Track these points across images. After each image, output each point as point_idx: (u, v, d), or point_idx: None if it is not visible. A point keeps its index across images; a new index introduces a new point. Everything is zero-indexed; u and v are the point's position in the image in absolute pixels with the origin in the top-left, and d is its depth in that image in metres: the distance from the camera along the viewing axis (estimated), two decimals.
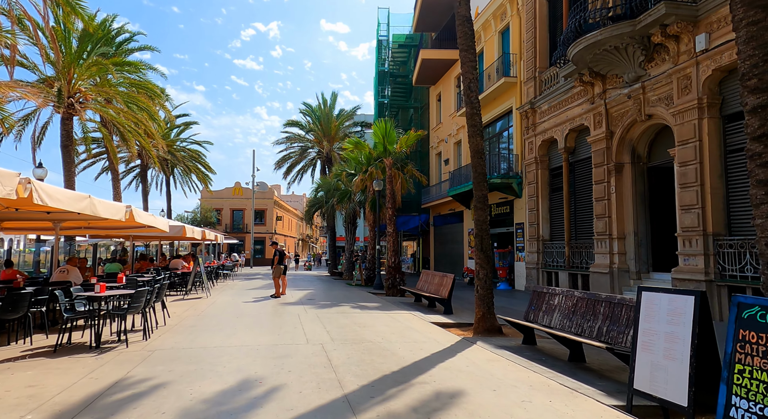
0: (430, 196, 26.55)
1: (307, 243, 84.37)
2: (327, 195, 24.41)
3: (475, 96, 9.02)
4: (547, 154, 15.76)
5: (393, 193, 15.51)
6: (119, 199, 22.64)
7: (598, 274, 12.32)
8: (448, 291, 10.69)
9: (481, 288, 8.49)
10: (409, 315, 10.07)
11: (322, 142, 30.34)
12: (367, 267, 19.98)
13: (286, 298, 13.07)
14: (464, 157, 22.21)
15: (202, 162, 32.97)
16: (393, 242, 15.37)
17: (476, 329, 8.37)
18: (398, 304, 12.13)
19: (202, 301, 12.05)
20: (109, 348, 6.18)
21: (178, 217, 50.33)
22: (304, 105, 31.23)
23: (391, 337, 7.33)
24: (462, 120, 21.97)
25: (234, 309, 10.62)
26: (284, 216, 61.26)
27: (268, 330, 7.84)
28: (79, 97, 16.97)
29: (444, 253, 25.47)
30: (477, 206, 8.79)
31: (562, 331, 6.02)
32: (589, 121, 12.98)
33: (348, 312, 10.23)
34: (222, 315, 9.52)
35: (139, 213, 9.50)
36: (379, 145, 15.51)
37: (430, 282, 12.19)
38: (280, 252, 13.16)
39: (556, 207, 15.28)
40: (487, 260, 8.61)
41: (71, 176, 16.91)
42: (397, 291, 14.71)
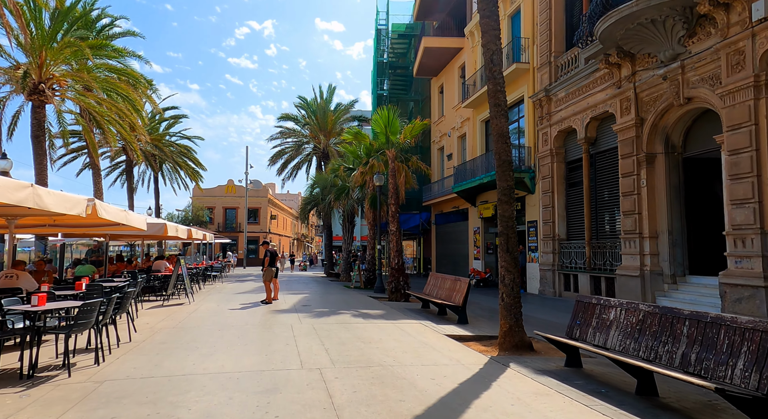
0: (431, 193, 25.25)
1: (303, 243, 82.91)
2: (323, 191, 23.03)
3: (499, 70, 7.70)
4: (564, 145, 14.49)
5: (396, 188, 14.19)
6: (100, 197, 21.18)
7: (626, 278, 11.06)
8: (462, 297, 9.38)
9: (507, 295, 7.20)
10: (420, 326, 8.75)
11: (318, 136, 28.94)
12: (366, 269, 18.64)
13: (278, 304, 11.71)
14: (469, 151, 20.92)
15: (191, 157, 31.50)
16: (396, 241, 14.05)
17: (502, 345, 7.07)
18: (404, 311, 10.82)
19: (182, 309, 10.67)
20: (46, 377, 4.81)
21: (169, 216, 48.76)
22: (299, 99, 29.82)
23: (404, 358, 6.01)
24: (467, 112, 20.69)
25: (217, 318, 9.25)
26: (279, 215, 59.77)
27: (254, 348, 6.49)
28: (51, 83, 15.52)
29: (446, 253, 24.18)
30: (502, 199, 7.49)
31: (625, 355, 4.72)
32: (614, 108, 11.70)
33: (349, 323, 8.89)
34: (202, 327, 8.16)
35: (106, 208, 8.14)
36: (380, 135, 14.17)
37: (440, 287, 10.87)
38: (272, 252, 11.80)
39: (574, 203, 14.01)
40: (514, 263, 7.32)
41: (43, 169, 15.46)
42: (401, 295, 13.39)
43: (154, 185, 31.46)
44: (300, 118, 29.91)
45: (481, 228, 19.79)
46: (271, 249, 11.93)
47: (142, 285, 10.46)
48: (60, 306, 5.37)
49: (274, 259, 11.91)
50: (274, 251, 11.98)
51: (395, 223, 14.17)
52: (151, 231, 12.51)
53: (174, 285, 11.86)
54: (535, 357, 6.44)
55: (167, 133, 30.57)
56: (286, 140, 31.21)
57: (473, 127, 20.52)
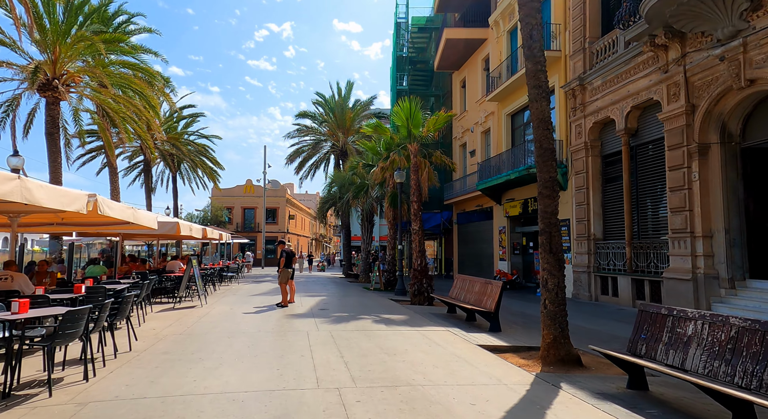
0: (453, 191, 24.32)
1: (321, 243, 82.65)
2: (341, 190, 22.35)
3: (539, 48, 6.83)
4: (600, 138, 13.44)
5: (418, 185, 13.36)
6: (117, 196, 20.94)
7: (675, 281, 10.00)
8: (495, 302, 8.50)
9: (551, 302, 6.31)
10: (448, 334, 7.91)
11: (336, 134, 28.30)
12: (387, 270, 17.86)
13: (294, 308, 11.02)
14: (494, 147, 19.94)
15: (209, 156, 31.23)
16: (419, 241, 13.22)
17: (545, 358, 6.19)
18: (429, 317, 9.98)
19: (193, 312, 10.06)
20: (24, 397, 4.16)
21: (188, 216, 48.93)
22: (317, 95, 29.23)
23: (435, 375, 5.20)
24: (491, 106, 19.73)
25: (228, 324, 8.58)
26: (297, 215, 59.50)
27: (265, 360, 5.76)
28: (65, 79, 15.19)
29: (469, 254, 23.22)
30: (543, 193, 6.58)
31: (713, 381, 3.81)
32: (660, 94, 10.64)
33: (370, 330, 8.11)
34: (210, 334, 7.48)
35: (110, 205, 7.56)
36: (402, 128, 13.36)
37: (468, 290, 10.01)
38: (288, 252, 11.11)
39: (612, 200, 12.95)
40: (558, 265, 6.42)
41: (57, 168, 15.14)
42: (425, 298, 12.56)
43: (172, 185, 31.33)
44: (317, 116, 29.33)
45: (507, 228, 18.79)
46: (288, 249, 11.24)
47: (152, 287, 9.89)
48: (43, 314, 4.74)
49: (290, 260, 11.22)
50: (291, 251, 11.29)
51: (417, 222, 13.34)
52: (162, 231, 11.99)
53: (185, 286, 11.29)
54: (587, 375, 5.54)
55: (185, 132, 30.36)
56: (304, 138, 30.69)
57: (498, 122, 19.54)
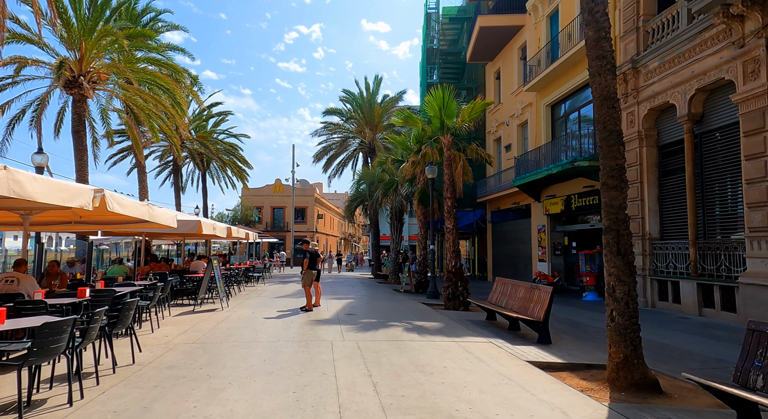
0: (487, 188, 23.12)
1: (350, 243, 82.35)
2: (370, 187, 21.56)
3: (603, 11, 5.77)
4: (655, 126, 12.07)
5: (452, 180, 12.37)
6: (145, 195, 20.83)
7: (755, 287, 8.64)
8: (544, 311, 7.45)
9: (620, 314, 5.25)
10: (491, 346, 6.93)
11: (364, 130, 27.56)
12: (417, 271, 16.92)
13: (319, 312, 10.25)
14: (531, 140, 18.67)
15: (237, 155, 31.08)
16: (453, 241, 12.23)
17: (614, 381, 5.13)
18: (466, 324, 9.00)
19: (212, 316, 9.44)
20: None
21: (219, 216, 49.40)
22: (344, 92, 28.62)
23: (483, 403, 4.26)
24: (529, 96, 18.47)
25: (246, 331, 7.87)
26: (326, 214, 59.26)
27: (280, 379, 4.96)
28: (91, 76, 14.99)
29: (505, 254, 21.97)
30: (608, 184, 5.52)
31: None
32: (734, 73, 9.28)
33: (402, 340, 7.22)
34: (225, 343, 6.77)
35: (121, 201, 6.96)
36: (434, 119, 12.39)
37: (510, 296, 8.96)
38: (312, 253, 10.35)
39: (671, 195, 11.59)
40: (629, 269, 5.35)
41: (84, 166, 14.96)
42: (460, 303, 11.57)
43: (201, 184, 31.36)
44: (345, 112, 28.67)
45: (546, 226, 17.51)
46: (312, 249, 10.48)
47: (172, 289, 9.32)
48: (15, 326, 4.07)
49: (314, 261, 10.46)
50: (315, 251, 10.53)
51: (451, 220, 12.34)
52: (184, 230, 11.49)
53: (206, 289, 10.71)
54: (674, 408, 4.46)
55: (214, 131, 30.29)
56: (332, 136, 30.12)
57: (536, 113, 18.26)
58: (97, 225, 10.15)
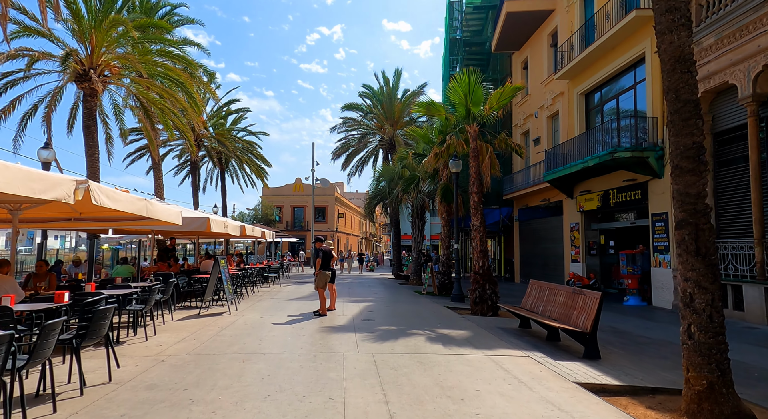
0: (514, 184, 21.88)
1: (371, 242, 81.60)
2: (390, 184, 20.63)
3: None
4: (710, 111, 10.75)
5: (479, 173, 11.31)
6: (161, 193, 20.40)
7: None
8: (592, 320, 6.36)
9: (701, 330, 4.18)
10: (530, 362, 5.90)
11: (383, 126, 26.63)
12: (441, 272, 15.90)
13: (334, 317, 9.37)
14: (563, 132, 17.39)
15: (256, 153, 30.58)
16: (480, 240, 11.18)
17: (695, 414, 4.07)
18: (497, 333, 7.98)
19: (218, 321, 8.66)
20: None
21: (240, 215, 49.32)
22: (363, 87, 27.75)
23: None
24: (560, 85, 17.21)
25: (251, 340, 7.03)
26: (346, 213, 58.62)
27: (275, 408, 4.05)
28: (102, 69, 14.51)
29: (533, 254, 20.69)
30: (682, 167, 4.44)
31: None
32: None
33: (426, 354, 6.25)
34: (223, 356, 5.94)
35: (111, 194, 6.26)
36: (458, 106, 11.36)
37: (548, 301, 7.88)
38: (325, 252, 9.46)
39: (730, 187, 10.27)
40: (712, 273, 4.27)
41: (95, 162, 14.49)
42: (488, 308, 10.52)
43: (220, 183, 31.00)
44: (364, 107, 27.79)
45: (580, 224, 16.22)
46: (325, 247, 9.60)
47: (175, 291, 8.59)
48: None
49: (328, 261, 9.57)
50: (328, 250, 9.64)
51: (478, 217, 11.29)
52: (191, 227, 10.80)
53: (214, 291, 9.96)
54: None
55: (233, 128, 29.86)
56: (351, 132, 29.30)
57: (569, 103, 16.98)
58: (97, 223, 9.52)
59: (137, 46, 15.29)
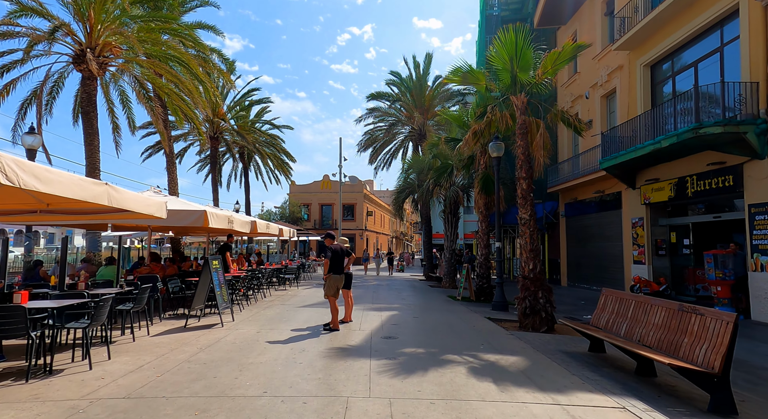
0: (559, 175, 19.40)
1: (402, 241, 79.55)
2: (419, 176, 18.63)
3: None
4: None
5: (528, 155, 9.17)
6: (175, 187, 19.07)
7: None
8: (722, 357, 4.20)
9: None
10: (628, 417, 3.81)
11: (413, 115, 24.61)
12: (478, 275, 13.78)
13: (348, 331, 7.50)
14: (622, 112, 14.90)
15: (280, 147, 29.20)
16: (531, 236, 9.04)
17: None
18: (561, 359, 5.89)
19: (203, 337, 6.95)
20: None
21: (267, 213, 48.42)
22: (391, 74, 25.80)
23: None
24: (618, 58, 14.78)
25: (227, 370, 5.23)
26: (376, 211, 56.83)
27: None
28: (101, 49, 13.20)
29: (584, 255, 18.19)
30: None
31: None
32: None
33: (468, 401, 4.25)
34: (174, 402, 4.14)
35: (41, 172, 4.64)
36: (502, 73, 9.24)
37: (636, 320, 5.71)
38: (335, 251, 7.57)
39: None
40: None
41: (94, 151, 13.21)
42: (542, 321, 8.40)
43: (243, 179, 29.81)
44: (392, 96, 25.83)
45: (645, 219, 13.72)
46: (337, 246, 7.71)
47: (142, 301, 6.94)
48: None
49: (340, 261, 7.68)
50: (340, 249, 7.73)
51: (528, 208, 9.16)
52: (185, 221, 9.20)
53: (206, 298, 8.27)
54: None
55: (256, 120, 28.53)
56: (378, 124, 27.41)
57: (629, 77, 14.49)
58: (65, 216, 8.00)
59: (143, 28, 13.93)
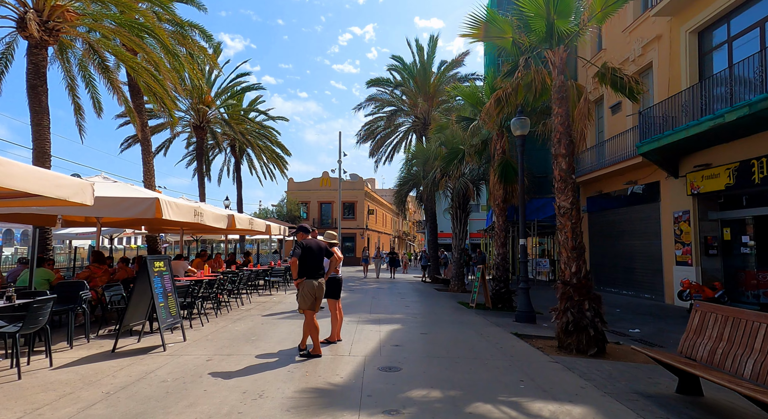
0: (581, 166, 17.32)
1: (404, 241, 77.45)
2: (424, 167, 16.59)
3: None
4: None
5: (568, 125, 7.13)
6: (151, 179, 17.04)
7: None
8: None
9: None
10: None
11: (416, 102, 22.56)
12: (494, 278, 11.72)
13: (334, 358, 5.46)
14: (660, 89, 12.83)
15: (274, 140, 27.21)
16: (572, 230, 7.00)
17: None
18: (648, 410, 3.81)
19: (125, 369, 4.93)
20: None
21: (263, 211, 46.47)
22: (393, 59, 23.68)
23: None
24: (656, 27, 12.80)
25: None
26: (377, 210, 54.75)
27: None
28: (48, 13, 11.20)
29: (611, 255, 16.09)
30: None
31: None
32: None
33: None
34: None
35: None
36: (536, 21, 7.20)
37: (748, 346, 3.65)
38: (306, 247, 5.47)
39: None
40: None
41: (43, 132, 11.20)
42: (589, 340, 6.37)
43: (235, 174, 27.84)
44: (393, 82, 23.78)
45: (692, 213, 11.66)
46: (311, 241, 5.62)
47: (26, 320, 4.94)
48: None
49: (312, 261, 5.58)
50: (316, 245, 5.60)
51: (568, 194, 7.12)
52: (132, 212, 7.19)
53: (147, 313, 6.24)
54: None
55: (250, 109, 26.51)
56: (379, 114, 25.36)
57: (672, 47, 12.42)
58: None
59: None
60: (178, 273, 9.74)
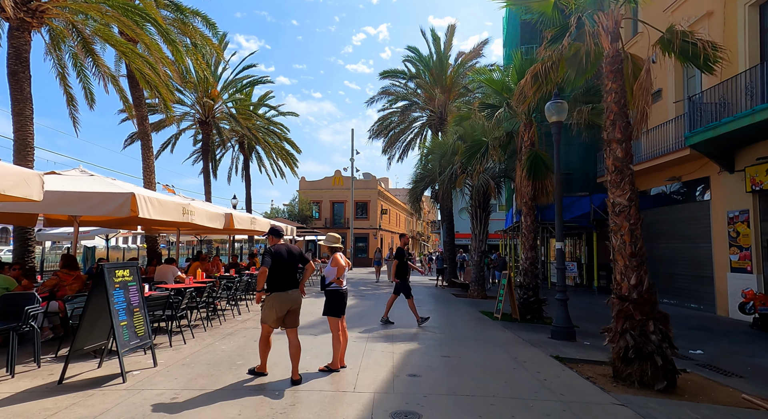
0: None
1: (418, 242, 76.01)
2: (441, 162, 15.28)
3: None
4: None
5: (623, 103, 5.81)
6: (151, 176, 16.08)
7: None
8: None
9: None
10: None
11: (433, 94, 21.24)
12: (523, 285, 10.38)
13: (334, 397, 4.24)
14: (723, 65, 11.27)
15: (284, 137, 26.17)
16: (630, 233, 5.70)
17: None
18: None
19: (64, 413, 3.77)
20: None
21: (274, 211, 45.62)
22: (408, 49, 22.38)
23: None
24: (706, 3, 11.21)
25: None
26: (391, 209, 53.45)
27: None
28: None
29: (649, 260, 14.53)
30: None
31: None
32: None
33: None
34: None
35: None
36: None
37: None
38: (275, 254, 4.21)
39: None
40: None
41: (24, 122, 10.24)
42: (656, 370, 5.04)
43: (244, 172, 26.87)
44: (408, 73, 22.50)
45: (752, 212, 10.17)
46: (277, 248, 4.26)
47: None
48: None
49: (282, 270, 4.33)
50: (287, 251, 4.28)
51: (626, 188, 5.82)
52: (104, 210, 6.13)
53: (109, 334, 5.11)
54: None
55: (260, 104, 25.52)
56: (392, 108, 24.12)
57: (727, 24, 10.94)
58: None
59: None
60: (167, 279, 8.65)
